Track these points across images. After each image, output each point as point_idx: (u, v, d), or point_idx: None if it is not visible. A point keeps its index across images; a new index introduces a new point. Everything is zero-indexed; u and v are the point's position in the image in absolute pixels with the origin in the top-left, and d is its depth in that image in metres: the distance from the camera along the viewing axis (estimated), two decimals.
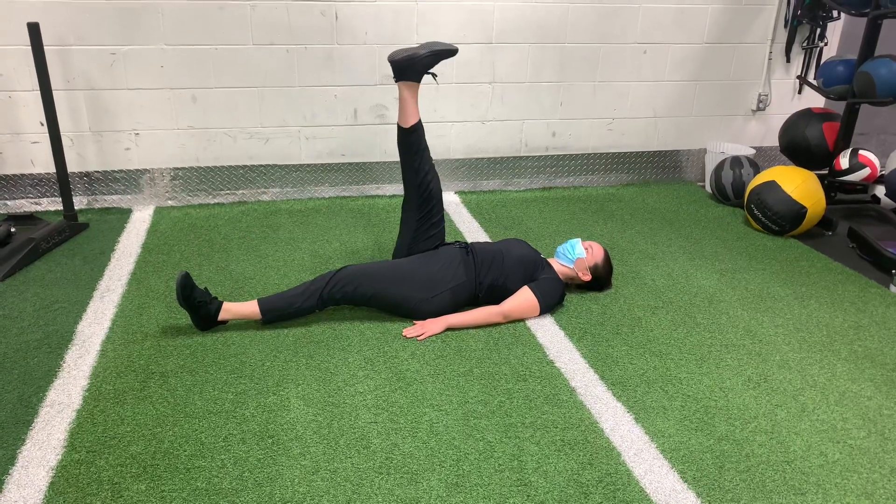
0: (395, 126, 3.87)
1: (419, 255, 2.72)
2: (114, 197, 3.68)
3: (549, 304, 2.69)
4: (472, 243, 2.78)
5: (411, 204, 2.77)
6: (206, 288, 2.51)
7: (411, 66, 2.65)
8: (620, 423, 2.10)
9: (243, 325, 2.55)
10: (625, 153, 4.32)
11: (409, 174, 2.75)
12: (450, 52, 2.70)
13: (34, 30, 3.00)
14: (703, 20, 4.11)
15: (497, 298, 2.68)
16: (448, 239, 3.38)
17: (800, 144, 3.93)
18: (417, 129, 2.71)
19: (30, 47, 3.11)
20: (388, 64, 3.67)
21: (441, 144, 3.99)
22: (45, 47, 3.15)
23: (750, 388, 2.30)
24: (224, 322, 2.52)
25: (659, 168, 4.43)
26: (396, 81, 2.69)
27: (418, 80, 2.69)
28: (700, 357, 2.47)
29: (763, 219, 3.58)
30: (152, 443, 1.95)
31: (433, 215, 2.77)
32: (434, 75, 2.74)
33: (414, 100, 2.69)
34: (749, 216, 3.69)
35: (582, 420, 2.10)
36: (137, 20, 3.39)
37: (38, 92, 3.30)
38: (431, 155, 2.80)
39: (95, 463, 1.86)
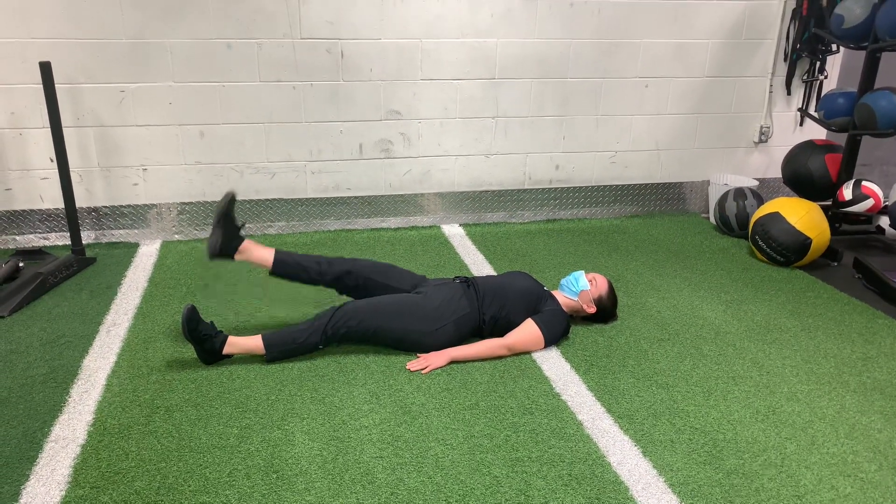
0: (401, 160, 3.92)
1: (420, 289, 2.72)
2: (121, 231, 3.71)
3: (554, 337, 2.68)
4: (474, 277, 2.78)
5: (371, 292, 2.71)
6: (212, 322, 2.51)
7: (223, 247, 2.55)
8: (628, 457, 2.07)
9: (248, 359, 2.55)
10: (628, 185, 4.34)
11: (337, 286, 2.71)
12: (228, 204, 2.56)
13: (46, 69, 3.06)
14: (704, 55, 4.17)
15: (501, 331, 2.67)
16: (452, 272, 3.39)
17: (803, 176, 3.95)
18: (280, 269, 2.64)
19: (41, 86, 3.17)
20: (399, 97, 3.75)
21: (446, 178, 4.03)
22: (56, 85, 3.22)
23: (758, 420, 2.28)
24: (229, 356, 2.52)
25: (662, 200, 4.45)
26: (235, 259, 2.61)
27: (238, 243, 2.59)
28: (707, 389, 2.45)
29: (768, 250, 3.58)
30: (157, 478, 1.93)
31: (398, 288, 2.71)
32: (242, 225, 2.63)
33: (254, 253, 2.62)
34: (754, 247, 3.69)
35: (589, 454, 2.08)
36: (146, 58, 3.46)
37: (49, 129, 3.36)
38: (437, 188, 2.80)
39: (99, 499, 1.85)
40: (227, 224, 2.54)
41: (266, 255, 2.65)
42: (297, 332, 2.52)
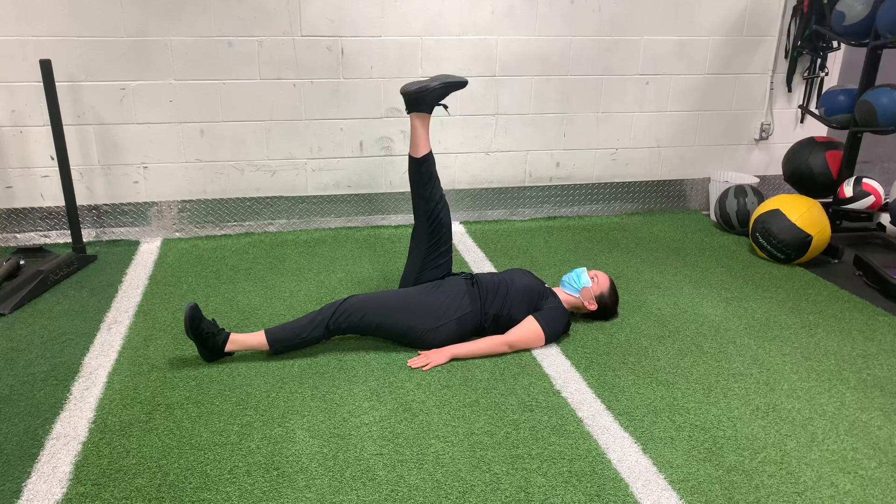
0: (401, 157, 3.92)
1: (425, 285, 2.73)
2: (122, 229, 3.71)
3: (555, 334, 2.68)
4: (476, 274, 2.79)
5: (421, 233, 2.79)
6: (213, 319, 2.52)
7: (423, 98, 2.70)
8: (628, 454, 2.08)
9: (249, 356, 2.56)
10: (629, 182, 4.34)
11: (420, 204, 2.78)
12: (460, 83, 2.75)
13: (46, 67, 3.06)
14: (705, 52, 4.16)
15: (502, 328, 2.67)
16: (454, 269, 3.39)
17: (803, 173, 3.95)
18: (428, 159, 2.76)
19: (42, 83, 3.17)
20: (399, 96, 3.74)
21: (446, 175, 4.03)
22: (56, 83, 3.22)
23: (758, 417, 2.28)
24: (230, 354, 2.53)
25: (663, 197, 4.45)
26: (409, 113, 2.73)
27: (430, 112, 2.74)
28: (707, 386, 2.45)
29: (768, 247, 3.58)
30: (158, 475, 1.94)
31: (441, 244, 2.79)
32: (445, 107, 2.81)
33: (425, 131, 2.74)
34: (754, 244, 3.69)
35: (589, 451, 2.09)
36: (147, 56, 3.46)
37: (49, 127, 3.36)
38: None
39: (101, 496, 1.86)
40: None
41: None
42: (299, 327, 2.52)
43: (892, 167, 4.82)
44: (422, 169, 2.75)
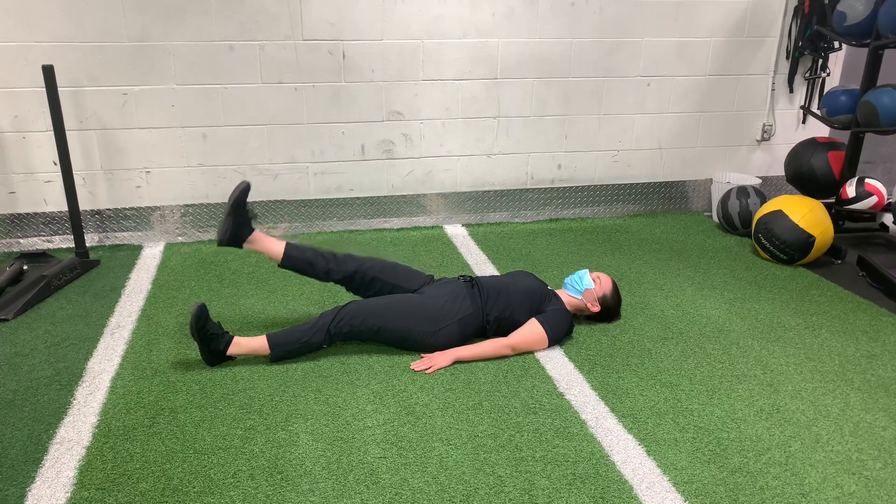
0: (403, 160, 3.93)
1: (425, 289, 2.72)
2: (125, 234, 3.72)
3: (558, 336, 2.68)
4: (477, 277, 2.79)
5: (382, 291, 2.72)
6: (219, 322, 2.52)
7: (233, 236, 2.56)
8: (632, 456, 2.07)
9: (252, 359, 2.56)
10: (631, 184, 4.34)
11: (344, 284, 2.72)
12: (241, 192, 2.55)
13: (49, 72, 3.07)
14: (706, 53, 4.16)
15: (505, 331, 2.67)
16: (455, 272, 3.39)
17: (806, 174, 3.95)
18: (289, 263, 2.65)
19: (44, 89, 3.18)
20: (401, 97, 3.75)
21: (448, 178, 4.03)
22: (58, 89, 3.23)
23: (762, 418, 2.27)
24: (232, 358, 2.53)
25: (665, 198, 4.45)
26: (243, 247, 2.63)
27: (250, 233, 2.60)
28: (711, 388, 2.45)
29: (771, 248, 3.58)
30: (161, 479, 1.94)
31: (400, 281, 2.73)
32: (254, 216, 2.63)
33: (264, 245, 2.63)
34: (757, 245, 3.69)
35: (593, 453, 2.08)
36: (149, 61, 3.46)
37: (52, 132, 3.37)
38: (439, 188, 2.81)
39: (104, 501, 1.86)
40: (239, 213, 2.56)
41: (276, 247, 2.65)
42: (301, 332, 2.53)
43: (894, 167, 4.81)
44: (294, 265, 2.66)
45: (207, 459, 2.02)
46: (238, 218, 2.55)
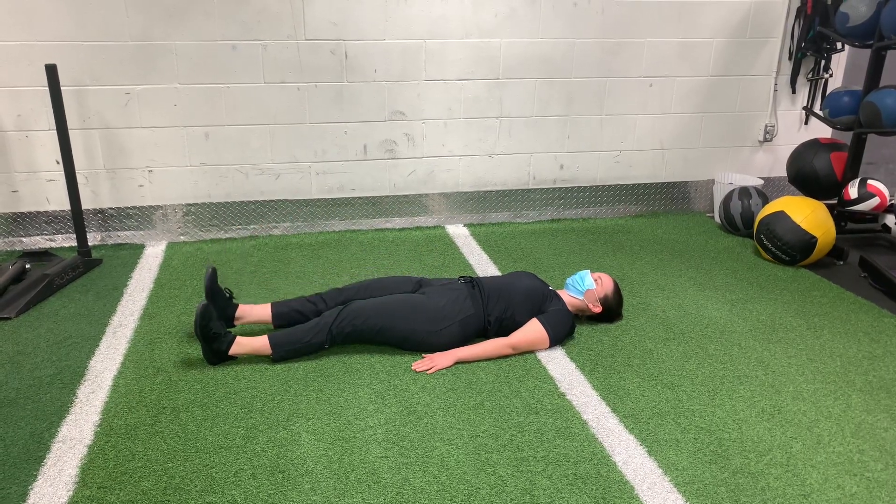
0: (405, 160, 3.93)
1: (426, 289, 2.73)
2: (127, 233, 3.72)
3: (559, 336, 2.68)
4: (478, 277, 2.79)
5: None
6: (222, 322, 2.52)
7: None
8: (633, 457, 2.07)
9: (254, 359, 2.56)
10: (633, 185, 4.34)
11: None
12: (209, 280, 2.58)
13: (52, 71, 3.08)
14: (708, 53, 4.16)
15: (506, 331, 2.67)
16: (457, 272, 3.39)
17: (808, 174, 3.94)
18: (279, 310, 2.67)
19: (47, 88, 3.18)
20: (403, 97, 3.75)
21: (450, 178, 4.03)
22: (61, 88, 3.23)
23: (764, 419, 2.27)
24: (234, 358, 2.53)
25: (667, 199, 4.44)
26: (235, 325, 2.66)
27: (234, 310, 2.65)
28: (713, 388, 2.45)
29: (773, 249, 3.58)
30: (163, 478, 1.94)
31: (394, 292, 2.73)
32: (229, 294, 2.67)
33: (252, 316, 2.67)
34: (759, 246, 3.69)
35: (594, 453, 2.08)
36: (152, 60, 3.47)
37: (55, 131, 3.38)
38: (441, 188, 2.81)
39: (106, 499, 1.86)
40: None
41: (263, 313, 2.70)
42: (303, 332, 2.53)
43: None
44: (288, 319, 2.67)
45: (209, 458, 2.03)
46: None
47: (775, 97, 4.37)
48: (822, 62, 4.29)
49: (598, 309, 2.83)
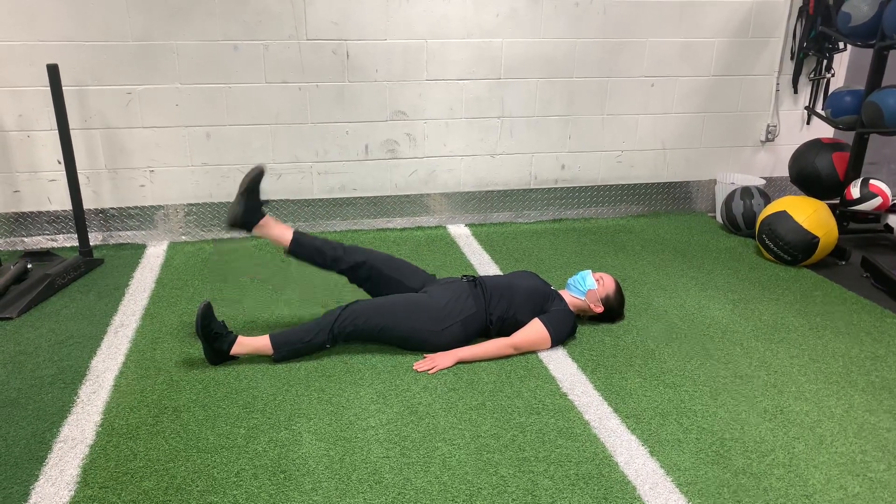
0: (406, 160, 3.93)
1: (427, 289, 2.72)
2: (128, 233, 3.73)
3: (561, 337, 2.68)
4: (480, 276, 2.78)
5: (385, 287, 2.72)
6: (223, 321, 2.52)
7: (245, 222, 2.56)
8: (635, 457, 2.07)
9: (255, 359, 2.56)
10: (634, 185, 4.34)
11: (348, 275, 2.71)
12: (256, 177, 2.57)
13: (53, 71, 3.08)
14: (710, 53, 4.15)
15: (508, 331, 2.67)
16: (458, 272, 3.39)
17: (810, 174, 3.94)
18: (297, 248, 2.65)
19: (49, 88, 3.18)
20: (405, 98, 3.75)
21: (451, 178, 4.03)
22: (63, 88, 3.23)
23: (766, 420, 2.27)
24: (236, 357, 2.53)
25: (669, 199, 4.44)
26: (252, 232, 2.63)
27: (261, 218, 2.60)
28: (715, 389, 2.44)
29: (775, 249, 3.57)
30: (165, 478, 1.94)
31: (404, 278, 2.73)
32: (265, 202, 2.63)
33: (272, 230, 2.64)
34: (761, 246, 3.68)
35: (596, 454, 2.08)
36: (153, 61, 3.47)
37: (56, 131, 3.38)
38: (443, 188, 2.81)
39: (108, 499, 1.86)
40: (251, 197, 2.55)
41: (284, 233, 2.65)
42: (304, 332, 2.53)
43: None
44: (300, 254, 2.68)
45: (210, 458, 2.03)
46: (250, 202, 2.55)
47: (777, 97, 4.37)
48: (824, 62, 4.28)
49: (599, 309, 2.83)
